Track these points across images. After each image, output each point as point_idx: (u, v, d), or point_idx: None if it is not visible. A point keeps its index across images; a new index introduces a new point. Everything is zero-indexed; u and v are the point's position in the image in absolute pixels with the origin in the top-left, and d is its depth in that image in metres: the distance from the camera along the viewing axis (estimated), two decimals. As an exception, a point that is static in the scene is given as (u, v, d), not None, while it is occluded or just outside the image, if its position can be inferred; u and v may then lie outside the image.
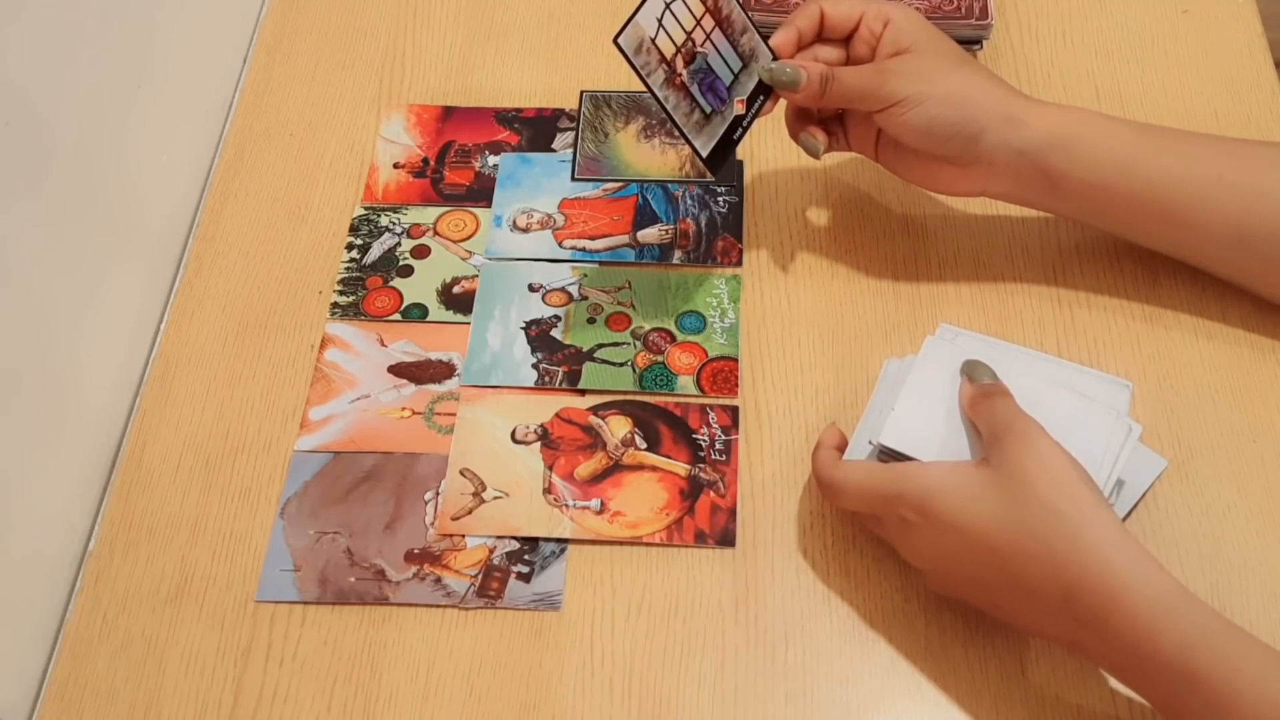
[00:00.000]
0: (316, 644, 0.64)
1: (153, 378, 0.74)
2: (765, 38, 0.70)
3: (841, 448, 0.64)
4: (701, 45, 0.68)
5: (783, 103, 0.71)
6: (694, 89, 0.68)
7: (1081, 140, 0.66)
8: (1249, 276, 0.70)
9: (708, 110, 0.68)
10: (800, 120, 0.72)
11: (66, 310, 0.69)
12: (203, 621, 0.65)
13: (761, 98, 0.70)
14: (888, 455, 0.62)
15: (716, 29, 0.68)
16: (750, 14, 0.70)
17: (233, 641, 0.64)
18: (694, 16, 0.67)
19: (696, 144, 0.69)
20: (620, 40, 0.64)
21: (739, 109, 0.70)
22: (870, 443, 0.63)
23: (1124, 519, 0.62)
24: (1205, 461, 0.67)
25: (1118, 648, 0.53)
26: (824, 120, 0.72)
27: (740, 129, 0.70)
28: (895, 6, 0.69)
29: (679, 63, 0.67)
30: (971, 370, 0.62)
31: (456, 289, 0.76)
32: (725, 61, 0.69)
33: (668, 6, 0.66)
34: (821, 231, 0.78)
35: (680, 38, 0.67)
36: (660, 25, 0.66)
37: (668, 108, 0.67)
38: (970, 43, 0.83)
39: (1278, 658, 0.52)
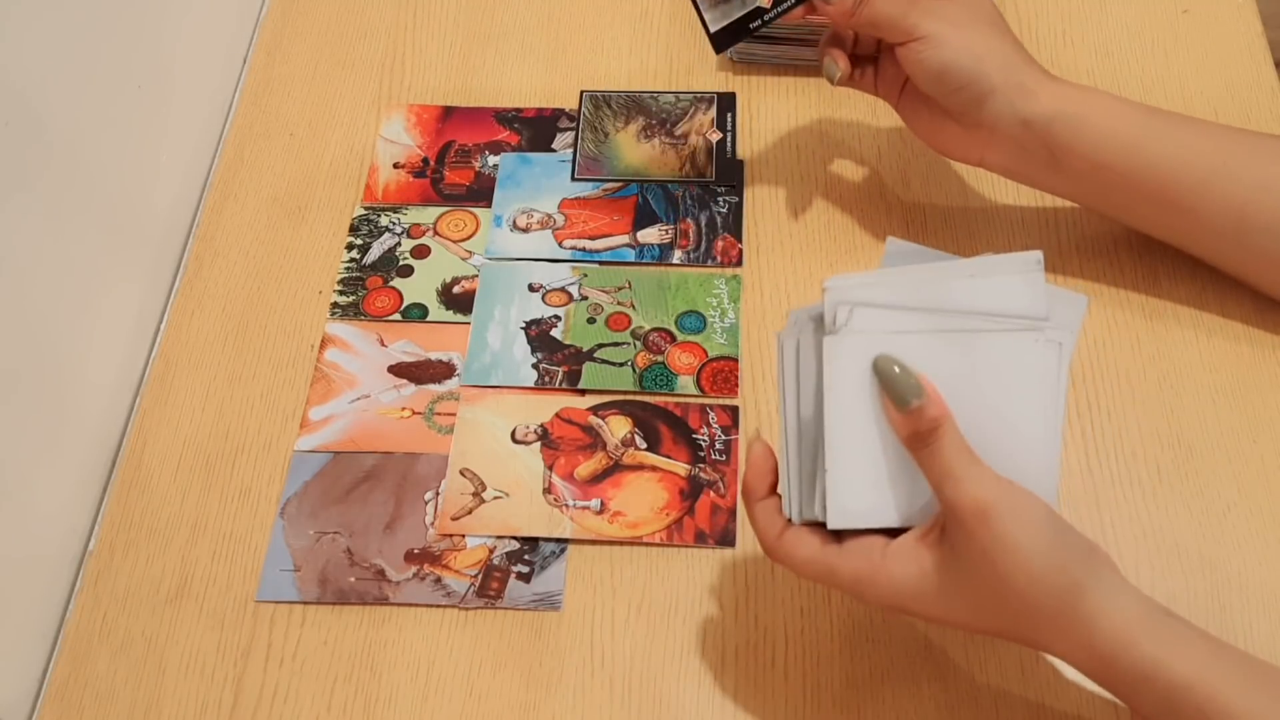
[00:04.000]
0: (316, 644, 0.64)
1: (153, 378, 0.74)
2: None
3: (775, 483, 0.55)
4: None
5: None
6: None
7: (1088, 117, 0.66)
8: (1247, 269, 0.70)
9: None
10: (831, 42, 0.71)
11: (66, 310, 0.69)
12: (203, 621, 0.65)
13: (792, 0, 0.69)
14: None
15: None
16: None
17: (233, 641, 0.64)
18: None
19: (707, 16, 0.67)
20: None
21: (765, 1, 0.69)
22: (816, 519, 0.54)
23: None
24: (1205, 461, 0.67)
25: (1106, 689, 0.53)
26: (859, 58, 0.71)
27: (760, 20, 0.69)
28: None
29: None
30: (892, 385, 0.52)
31: (456, 289, 0.76)
32: None
33: None
34: (821, 231, 0.78)
35: None
36: None
37: None
38: (970, 43, 0.82)
39: (1268, 690, 0.50)
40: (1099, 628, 0.51)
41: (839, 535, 0.54)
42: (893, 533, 0.54)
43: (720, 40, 0.69)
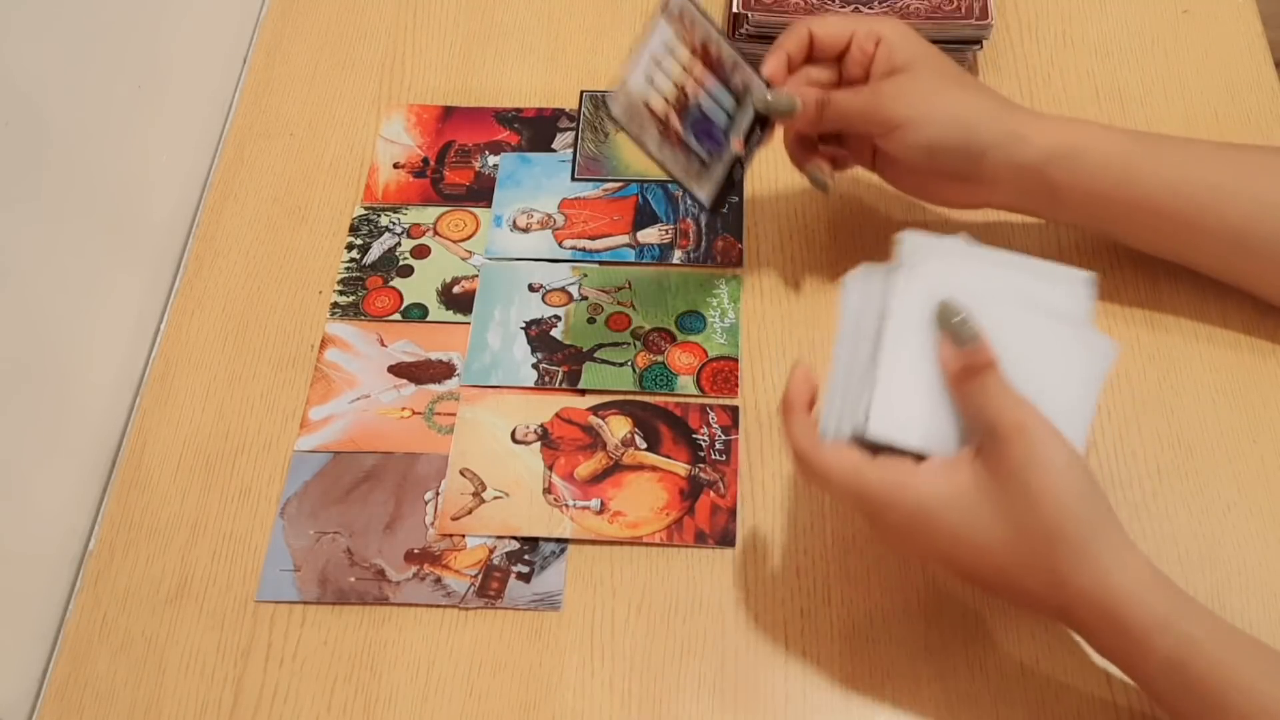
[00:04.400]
0: (316, 644, 0.64)
1: (153, 378, 0.74)
2: (755, 67, 0.69)
3: (813, 402, 0.59)
4: (694, 93, 0.67)
5: (780, 136, 0.72)
6: (690, 139, 0.67)
7: (1081, 153, 0.66)
8: (1251, 281, 0.70)
9: (705, 157, 0.68)
10: (803, 149, 0.71)
11: (66, 310, 0.69)
12: (203, 621, 0.65)
13: (759, 130, 0.70)
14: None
15: (707, 73, 0.68)
16: (739, 47, 0.69)
17: (233, 641, 0.64)
18: (683, 66, 0.67)
19: (698, 194, 0.69)
20: (612, 109, 0.64)
21: (737, 148, 0.70)
22: (852, 430, 0.57)
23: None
24: (1205, 461, 0.67)
25: (1110, 654, 0.54)
26: (822, 136, 0.72)
27: (740, 167, 0.71)
28: (886, 23, 0.68)
29: (672, 117, 0.66)
30: (952, 330, 0.56)
31: (456, 289, 0.76)
32: (718, 103, 0.68)
33: (657, 64, 0.66)
34: (822, 231, 0.78)
35: (672, 92, 0.66)
36: (651, 84, 0.65)
37: (666, 165, 0.67)
38: (970, 43, 0.83)
39: (1271, 664, 0.52)
40: (1115, 571, 0.52)
41: (874, 453, 0.56)
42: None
43: (717, 205, 0.71)
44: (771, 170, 0.81)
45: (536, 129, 0.84)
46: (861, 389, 0.58)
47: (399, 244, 0.78)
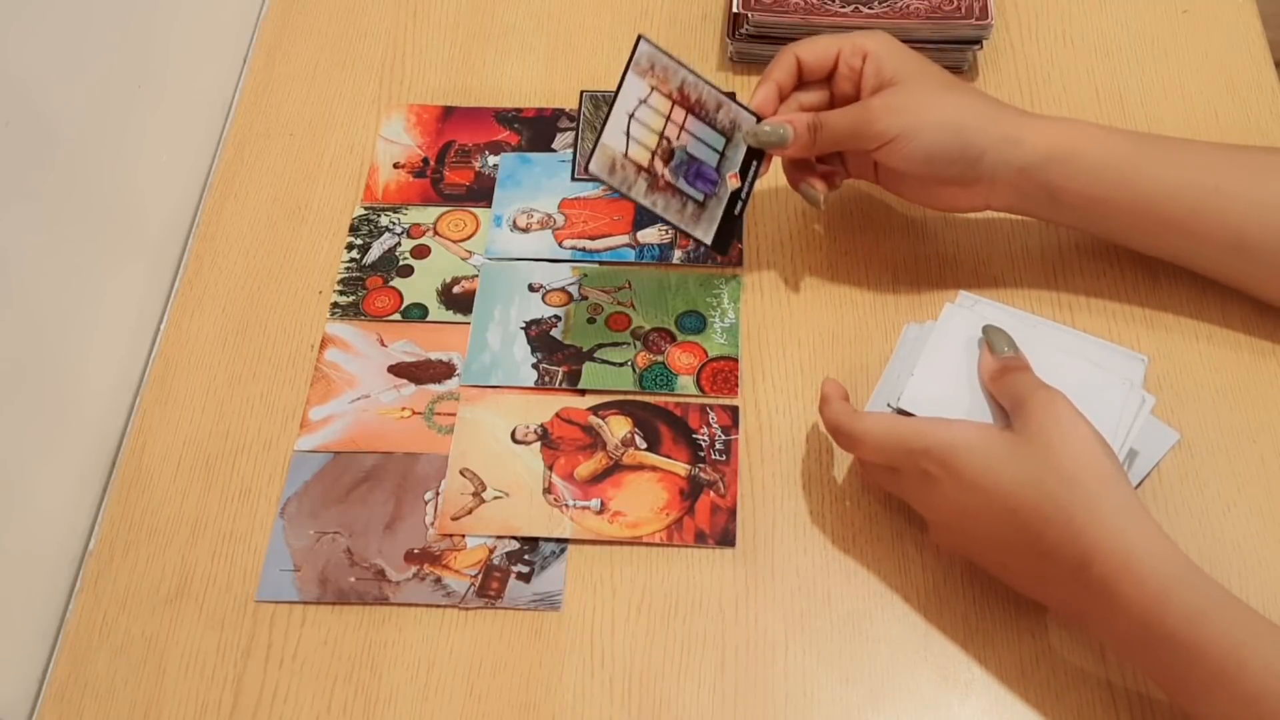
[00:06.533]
0: (316, 644, 0.64)
1: (153, 378, 0.74)
2: (738, 100, 0.69)
3: (846, 399, 0.64)
4: (678, 139, 0.67)
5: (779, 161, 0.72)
6: (680, 184, 0.67)
7: (1079, 155, 0.67)
8: (1250, 282, 0.70)
9: (700, 198, 0.68)
10: (798, 170, 0.72)
11: (66, 310, 0.69)
12: (203, 621, 0.65)
13: (755, 162, 0.70)
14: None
15: (689, 116, 0.68)
16: (720, 91, 0.69)
17: (233, 641, 0.64)
18: (663, 115, 0.67)
19: (698, 235, 0.69)
20: (591, 167, 0.64)
21: (734, 184, 0.70)
22: (888, 405, 0.62)
23: (1135, 488, 0.62)
24: (1205, 461, 0.67)
25: (1125, 617, 0.54)
26: (821, 157, 0.72)
27: (740, 202, 0.70)
28: (870, 36, 0.68)
29: (658, 165, 0.66)
30: (992, 340, 0.61)
31: (456, 289, 0.76)
32: (707, 144, 0.68)
33: (631, 117, 0.66)
34: (822, 232, 0.78)
35: (653, 141, 0.66)
36: (629, 137, 0.65)
37: (658, 211, 0.67)
38: (970, 43, 0.83)
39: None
40: (1133, 525, 0.54)
41: None
42: None
43: (721, 243, 0.70)
44: (772, 170, 0.80)
45: (536, 129, 0.84)
46: (900, 384, 0.63)
47: (399, 244, 0.78)
